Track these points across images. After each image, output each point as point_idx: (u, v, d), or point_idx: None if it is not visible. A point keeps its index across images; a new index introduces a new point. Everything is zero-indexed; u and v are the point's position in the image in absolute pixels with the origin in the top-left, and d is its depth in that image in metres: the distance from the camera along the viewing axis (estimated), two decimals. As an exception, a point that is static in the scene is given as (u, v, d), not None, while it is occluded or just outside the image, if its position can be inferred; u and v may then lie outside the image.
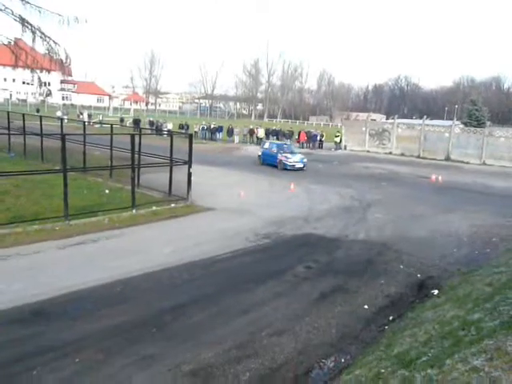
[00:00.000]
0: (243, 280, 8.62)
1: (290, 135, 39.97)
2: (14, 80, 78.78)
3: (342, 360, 6.05)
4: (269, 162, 24.96)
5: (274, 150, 24.98)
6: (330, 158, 30.75)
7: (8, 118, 22.15)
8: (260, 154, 26.35)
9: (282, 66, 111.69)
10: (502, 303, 5.75)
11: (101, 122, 40.55)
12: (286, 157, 23.83)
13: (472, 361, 4.02)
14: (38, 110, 49.80)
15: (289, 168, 23.41)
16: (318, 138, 39.22)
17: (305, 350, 6.27)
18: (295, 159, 23.97)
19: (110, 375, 5.38)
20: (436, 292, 8.22)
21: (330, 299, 8.00)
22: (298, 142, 39.56)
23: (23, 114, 21.97)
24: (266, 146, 26.61)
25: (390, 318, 7.36)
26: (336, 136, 39.11)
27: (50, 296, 7.27)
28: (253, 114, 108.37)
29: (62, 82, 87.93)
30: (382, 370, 4.92)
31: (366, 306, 7.77)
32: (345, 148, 38.32)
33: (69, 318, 6.74)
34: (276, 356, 6.04)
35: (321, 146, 38.68)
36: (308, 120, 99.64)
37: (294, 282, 8.73)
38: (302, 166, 23.88)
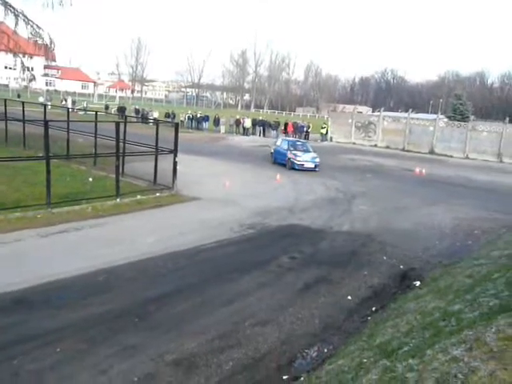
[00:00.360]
0: (228, 270, 8.62)
1: (276, 126, 39.91)
2: (-5, 64, 77.02)
3: (325, 350, 6.10)
4: (280, 160, 22.28)
5: (285, 147, 22.28)
6: (316, 150, 30.72)
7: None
8: (272, 151, 23.63)
9: (270, 57, 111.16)
10: (482, 295, 5.85)
11: (85, 109, 39.96)
12: (295, 155, 21.10)
13: (452, 351, 4.08)
14: (19, 96, 48.82)
15: (297, 168, 20.70)
16: (305, 129, 39.26)
17: (288, 340, 6.31)
18: (305, 158, 21.11)
19: (92, 365, 5.34)
20: (418, 283, 8.32)
21: (314, 290, 8.05)
22: (285, 132, 39.54)
23: (5, 100, 21.52)
24: (279, 142, 23.65)
25: (373, 308, 7.43)
26: (322, 128, 39.19)
27: (32, 284, 7.17)
28: (239, 104, 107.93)
29: (46, 67, 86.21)
30: (365, 360, 4.98)
31: (349, 297, 7.84)
32: (331, 140, 38.44)
33: (51, 306, 6.67)
34: (259, 346, 6.06)
35: (307, 138, 38.69)
36: (295, 111, 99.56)
37: (278, 272, 8.76)
38: (312, 165, 20.99)
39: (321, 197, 15.82)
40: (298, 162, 20.89)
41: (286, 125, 39.94)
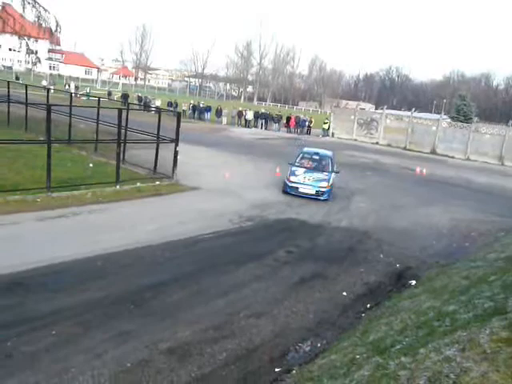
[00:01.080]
0: (224, 261, 8.64)
1: (278, 119, 39.84)
2: (-1, 46, 76.68)
3: (318, 345, 6.14)
4: None
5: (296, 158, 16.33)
6: (317, 145, 30.58)
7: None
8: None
9: (275, 49, 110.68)
10: (477, 296, 5.87)
11: (88, 95, 39.79)
12: (292, 172, 15.19)
13: (445, 351, 4.10)
14: (17, 78, 48.51)
15: (289, 191, 14.90)
16: (307, 123, 39.20)
17: (282, 333, 6.34)
18: (303, 179, 14.92)
19: (87, 349, 5.37)
20: (414, 282, 8.36)
21: (310, 284, 8.08)
22: (287, 126, 39.49)
23: (8, 82, 21.44)
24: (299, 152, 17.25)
25: (368, 305, 7.47)
26: (325, 123, 39.11)
27: (29, 267, 7.18)
28: (242, 96, 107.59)
29: (50, 51, 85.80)
30: (357, 356, 5.01)
31: (344, 293, 7.87)
32: (332, 135, 38.37)
33: (47, 290, 6.69)
34: (253, 338, 6.09)
35: (309, 132, 38.68)
36: (297, 105, 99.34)
37: (274, 265, 8.78)
38: (312, 192, 14.71)
39: (320, 192, 15.78)
40: (291, 184, 14.89)
41: (288, 119, 39.88)
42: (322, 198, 14.70)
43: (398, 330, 5.58)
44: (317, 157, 16.45)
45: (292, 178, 15.01)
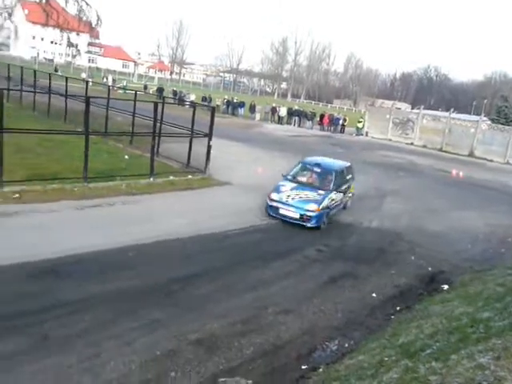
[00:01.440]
0: (254, 256, 8.68)
1: (312, 117, 39.54)
2: (42, 39, 78.96)
3: (346, 344, 6.10)
4: None
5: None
6: (350, 144, 30.39)
7: (34, 77, 22.24)
8: None
9: (310, 46, 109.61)
10: (513, 304, 5.70)
11: (124, 88, 40.51)
12: (275, 189, 11.64)
13: (478, 358, 4.00)
14: (56, 70, 49.72)
15: (269, 212, 11.40)
16: (341, 122, 38.77)
17: (309, 330, 6.33)
18: (287, 198, 11.23)
19: (116, 335, 5.51)
20: (446, 287, 8.18)
21: (339, 284, 8.04)
22: (320, 124, 39.16)
23: (49, 74, 22.05)
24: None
25: (398, 308, 7.37)
26: (359, 122, 38.59)
27: (63, 254, 7.39)
28: (276, 92, 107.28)
29: (90, 44, 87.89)
30: (386, 358, 4.94)
31: (374, 294, 7.78)
32: (366, 134, 37.82)
33: (81, 277, 6.87)
34: (281, 334, 6.11)
35: (342, 131, 38.25)
36: (332, 103, 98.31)
37: (303, 263, 8.77)
38: (295, 215, 10.99)
39: (352, 191, 15.61)
40: (271, 203, 11.37)
41: (321, 116, 39.53)
42: (308, 224, 10.94)
43: (429, 334, 5.48)
44: (317, 169, 12.39)
45: (273, 196, 11.37)
